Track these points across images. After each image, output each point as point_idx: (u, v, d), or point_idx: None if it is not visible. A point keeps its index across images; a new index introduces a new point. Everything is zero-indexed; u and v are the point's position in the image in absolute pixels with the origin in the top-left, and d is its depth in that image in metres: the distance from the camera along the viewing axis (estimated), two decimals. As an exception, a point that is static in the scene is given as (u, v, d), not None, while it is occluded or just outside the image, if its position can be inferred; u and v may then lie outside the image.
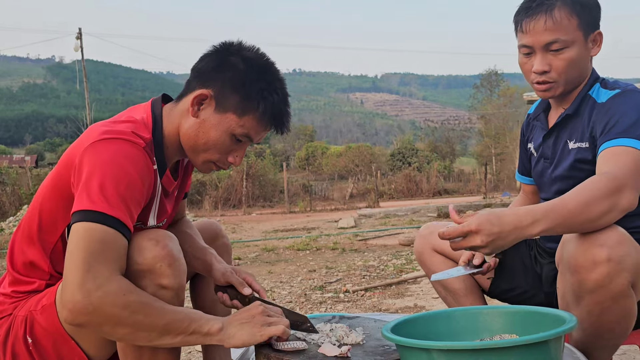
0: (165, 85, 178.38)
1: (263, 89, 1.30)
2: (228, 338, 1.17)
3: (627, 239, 1.20)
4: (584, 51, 1.44)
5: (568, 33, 1.40)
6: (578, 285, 1.22)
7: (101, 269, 1.09)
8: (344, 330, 1.34)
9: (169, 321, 1.13)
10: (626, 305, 1.23)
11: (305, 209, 17.93)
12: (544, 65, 1.43)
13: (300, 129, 55.30)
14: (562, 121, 1.52)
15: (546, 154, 1.58)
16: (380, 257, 5.82)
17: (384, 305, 3.49)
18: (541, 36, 1.41)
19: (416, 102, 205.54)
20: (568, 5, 1.40)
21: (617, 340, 1.31)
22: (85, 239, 1.10)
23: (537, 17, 1.40)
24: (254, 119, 1.31)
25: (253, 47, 1.34)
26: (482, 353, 0.97)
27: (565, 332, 1.01)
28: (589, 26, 1.43)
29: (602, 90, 1.48)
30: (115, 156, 1.18)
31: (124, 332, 1.12)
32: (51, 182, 1.29)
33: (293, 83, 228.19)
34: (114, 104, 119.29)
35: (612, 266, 1.17)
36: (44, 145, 68.16)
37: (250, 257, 6.45)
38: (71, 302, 1.08)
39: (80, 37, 23.92)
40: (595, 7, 1.45)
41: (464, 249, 1.21)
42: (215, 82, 1.30)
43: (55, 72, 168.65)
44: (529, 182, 1.77)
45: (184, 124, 1.32)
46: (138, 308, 1.11)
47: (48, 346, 1.26)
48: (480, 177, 26.30)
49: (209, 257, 1.44)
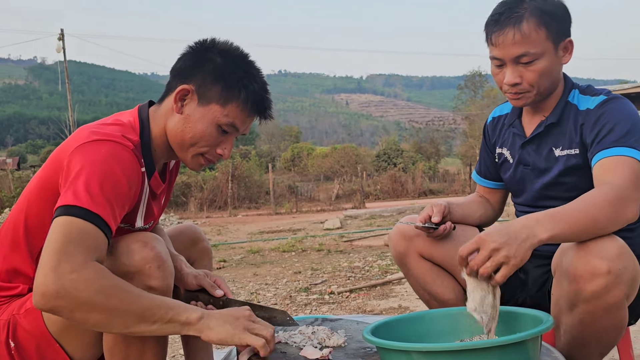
0: (150, 86, 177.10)
1: (242, 77, 1.33)
2: (206, 329, 1.14)
3: (626, 251, 1.22)
4: (555, 60, 1.44)
5: (537, 45, 1.39)
6: (574, 294, 1.24)
7: (76, 255, 1.07)
8: (326, 332, 1.34)
9: (145, 307, 1.10)
10: (618, 317, 1.26)
11: (291, 210, 17.92)
12: (515, 77, 1.43)
13: (285, 130, 55.27)
14: (544, 129, 1.53)
15: (526, 161, 1.59)
16: (365, 258, 5.83)
17: (368, 307, 3.51)
18: (510, 49, 1.40)
19: (401, 103, 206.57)
20: (536, 17, 1.39)
21: (604, 349, 1.33)
22: (63, 229, 1.09)
23: (506, 31, 1.39)
24: (237, 107, 1.33)
25: (227, 41, 1.38)
26: (461, 354, 0.98)
27: (541, 332, 1.03)
28: (559, 35, 1.43)
29: (582, 96, 1.50)
30: (104, 157, 1.18)
31: (98, 318, 1.08)
32: (38, 185, 1.29)
33: (278, 84, 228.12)
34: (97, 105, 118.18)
35: (611, 279, 1.19)
36: (25, 147, 67.22)
37: (236, 259, 6.42)
38: (43, 285, 1.05)
39: (63, 37, 23.64)
40: (563, 16, 1.44)
41: (484, 264, 1.15)
42: (195, 76, 1.33)
43: (37, 73, 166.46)
44: (487, 185, 1.78)
45: (170, 122, 1.34)
46: (112, 292, 1.08)
47: (31, 350, 1.25)
48: (465, 177, 26.49)
49: (178, 263, 1.43)
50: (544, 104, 1.53)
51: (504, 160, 1.67)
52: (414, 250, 1.66)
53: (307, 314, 3.42)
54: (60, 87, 26.06)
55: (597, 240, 1.22)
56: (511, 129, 1.64)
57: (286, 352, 1.25)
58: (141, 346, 1.21)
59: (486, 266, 1.14)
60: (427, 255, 1.66)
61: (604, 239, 1.22)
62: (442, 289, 1.66)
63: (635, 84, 14.52)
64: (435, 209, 1.61)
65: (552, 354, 1.28)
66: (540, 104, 1.53)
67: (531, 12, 1.39)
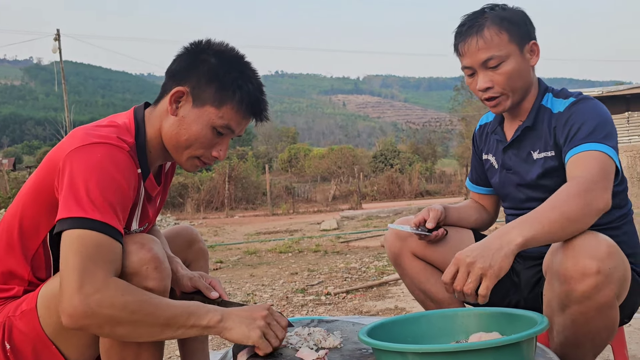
0: (146, 87, 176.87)
1: (237, 77, 1.32)
2: (225, 330, 1.19)
3: (615, 250, 1.23)
4: (522, 62, 1.50)
5: (501, 48, 1.46)
6: (565, 294, 1.25)
7: (97, 272, 1.10)
8: (322, 334, 1.35)
9: (168, 317, 1.15)
10: (610, 316, 1.27)
11: (288, 211, 17.92)
12: (486, 82, 1.49)
13: (282, 131, 55.26)
14: (521, 134, 1.58)
15: (508, 165, 1.63)
16: (362, 259, 5.84)
17: (365, 308, 3.51)
18: (476, 56, 1.48)
19: (398, 104, 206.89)
20: (496, 24, 1.47)
21: (597, 349, 1.34)
22: (79, 245, 1.11)
23: (470, 39, 1.49)
24: (232, 109, 1.33)
25: (222, 42, 1.37)
26: (456, 355, 0.98)
27: (536, 333, 1.04)
28: (522, 38, 1.50)
29: (555, 99, 1.54)
30: (101, 160, 1.18)
31: (125, 330, 1.13)
32: (32, 187, 1.28)
33: (275, 85, 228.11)
34: (94, 106, 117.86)
35: (601, 279, 1.20)
36: (22, 148, 67.04)
37: (232, 260, 6.42)
38: (70, 306, 1.08)
39: (59, 38, 23.60)
40: (523, 21, 1.52)
41: (464, 283, 1.18)
42: (190, 78, 1.32)
43: (33, 73, 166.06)
44: (480, 192, 1.82)
45: (165, 124, 1.34)
46: (136, 308, 1.12)
47: (27, 352, 1.25)
48: (461, 178, 26.55)
49: (173, 265, 1.44)
50: (520, 108, 1.58)
51: (490, 166, 1.72)
52: (408, 250, 1.69)
53: (303, 315, 3.42)
54: (57, 87, 26.00)
55: (586, 240, 1.23)
56: (494, 136, 1.70)
57: (282, 353, 1.25)
58: (137, 348, 1.21)
59: (468, 284, 1.17)
60: (420, 255, 1.69)
61: (593, 238, 1.23)
62: (436, 287, 1.68)
63: (631, 85, 14.58)
64: (431, 214, 1.64)
65: (547, 354, 1.28)
66: (517, 109, 1.58)
67: (491, 20, 1.48)
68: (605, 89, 14.04)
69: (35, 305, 1.24)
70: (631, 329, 2.59)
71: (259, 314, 1.21)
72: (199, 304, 1.21)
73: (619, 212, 1.52)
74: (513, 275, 1.68)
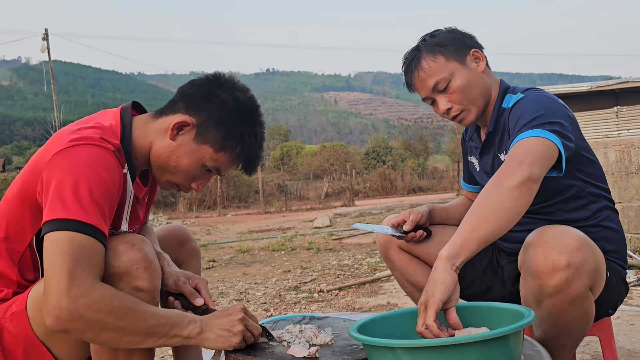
0: (137, 86, 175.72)
1: (245, 132, 1.33)
2: (205, 341, 1.22)
3: (585, 244, 1.25)
4: (469, 73, 1.54)
5: (442, 71, 1.53)
6: (539, 289, 1.27)
7: (85, 276, 1.10)
8: (313, 331, 1.36)
9: (151, 326, 1.15)
10: (584, 308, 1.29)
11: (280, 209, 17.91)
12: (444, 104, 1.55)
13: (274, 128, 55.12)
14: (487, 139, 1.63)
15: (486, 169, 1.68)
16: (354, 255, 5.86)
17: (357, 304, 3.52)
18: (424, 86, 1.56)
19: (389, 101, 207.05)
20: (429, 52, 1.55)
21: (575, 340, 1.36)
22: (66, 247, 1.10)
23: (413, 75, 1.58)
24: (229, 157, 1.34)
25: (244, 86, 1.38)
26: (444, 350, 0.99)
27: (523, 326, 1.05)
28: (458, 53, 1.55)
29: (512, 96, 1.57)
30: (86, 161, 1.17)
31: (108, 337, 1.13)
32: (18, 190, 1.27)
33: (266, 83, 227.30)
34: (83, 105, 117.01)
35: (571, 272, 1.22)
36: (11, 149, 66.35)
37: (225, 259, 6.42)
38: (57, 308, 1.08)
39: (47, 37, 23.38)
40: (453, 38, 1.56)
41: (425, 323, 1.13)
42: (201, 112, 1.32)
43: (21, 73, 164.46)
44: (472, 190, 1.87)
45: (158, 142, 1.34)
46: (122, 314, 1.12)
47: (18, 353, 1.25)
48: (453, 174, 26.64)
49: (161, 261, 1.43)
50: (485, 115, 1.62)
51: (474, 168, 1.77)
52: (395, 244, 1.78)
53: (296, 312, 3.43)
54: (46, 87, 25.81)
55: (557, 235, 1.24)
56: (471, 143, 1.76)
57: (273, 350, 1.26)
58: (128, 349, 1.22)
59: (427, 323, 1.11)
60: (406, 248, 1.77)
61: (563, 232, 1.25)
62: (422, 278, 1.75)
63: (619, 80, 14.69)
64: (411, 217, 1.71)
65: (535, 347, 1.30)
66: (483, 117, 1.62)
67: (425, 50, 1.55)
68: (594, 84, 14.14)
69: (25, 307, 1.24)
70: (619, 321, 2.63)
71: (236, 317, 1.23)
72: (182, 314, 1.22)
73: (594, 206, 1.52)
74: (498, 269, 1.72)
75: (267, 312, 3.51)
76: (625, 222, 4.56)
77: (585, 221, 1.50)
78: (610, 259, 1.48)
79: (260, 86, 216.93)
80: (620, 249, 1.54)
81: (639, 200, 4.55)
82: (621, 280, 1.50)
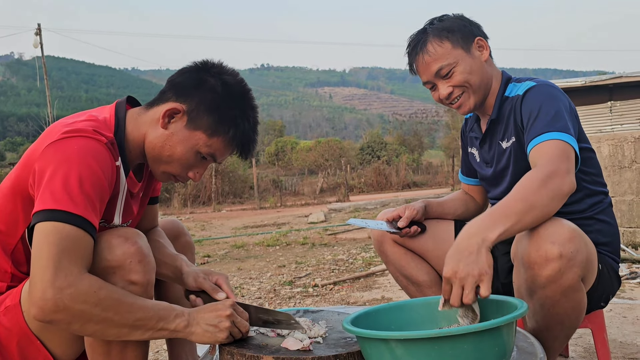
0: (130, 81, 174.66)
1: (236, 115, 1.32)
2: (192, 335, 1.21)
3: (577, 234, 1.26)
4: (472, 61, 1.56)
5: (447, 57, 1.54)
6: (531, 280, 1.28)
7: (71, 267, 1.09)
8: (307, 324, 1.36)
9: (138, 318, 1.15)
10: (576, 299, 1.30)
11: (275, 205, 17.91)
12: (446, 89, 1.57)
13: (269, 124, 54.95)
14: (489, 127, 1.64)
15: (486, 159, 1.70)
16: (349, 250, 5.87)
17: (352, 299, 3.53)
18: (428, 70, 1.57)
19: (384, 96, 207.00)
20: (436, 36, 1.55)
21: (568, 331, 1.38)
22: (53, 237, 1.09)
23: (418, 58, 1.58)
24: (222, 142, 1.33)
25: (233, 71, 1.36)
26: (437, 341, 1.00)
27: (515, 318, 1.06)
28: (465, 41, 1.56)
29: (516, 85, 1.59)
30: (77, 153, 1.16)
31: (94, 328, 1.13)
32: (11, 184, 1.27)
33: (261, 78, 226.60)
34: (77, 101, 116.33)
35: (563, 263, 1.23)
36: (4, 145, 65.91)
37: (220, 254, 6.41)
38: (42, 299, 1.07)
39: (40, 32, 23.23)
40: (462, 25, 1.57)
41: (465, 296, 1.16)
42: (191, 99, 1.31)
43: (14, 69, 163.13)
44: (469, 183, 1.89)
45: (151, 133, 1.33)
46: (109, 305, 1.11)
47: (12, 347, 1.24)
48: (448, 169, 26.69)
49: (178, 262, 1.44)
50: (486, 105, 1.63)
51: (474, 159, 1.78)
52: (389, 238, 1.80)
53: (291, 306, 3.44)
54: (39, 83, 25.65)
55: (548, 226, 1.25)
56: (472, 133, 1.77)
57: (268, 343, 1.26)
58: (122, 341, 1.22)
59: (466, 295, 1.15)
60: (400, 242, 1.79)
61: (555, 224, 1.26)
62: (416, 271, 1.77)
63: (613, 75, 14.74)
64: (407, 213, 1.73)
65: (528, 339, 1.31)
66: (483, 106, 1.63)
67: (432, 34, 1.56)
68: (588, 79, 14.19)
69: (19, 300, 1.23)
70: (612, 313, 2.65)
71: (224, 313, 1.23)
72: (170, 307, 1.21)
73: (590, 200, 1.54)
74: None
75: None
76: (618, 215, 4.59)
77: (580, 214, 1.51)
78: (603, 251, 1.49)
79: (255, 81, 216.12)
80: (613, 243, 1.55)
81: (632, 194, 4.58)
82: (613, 273, 1.51)
